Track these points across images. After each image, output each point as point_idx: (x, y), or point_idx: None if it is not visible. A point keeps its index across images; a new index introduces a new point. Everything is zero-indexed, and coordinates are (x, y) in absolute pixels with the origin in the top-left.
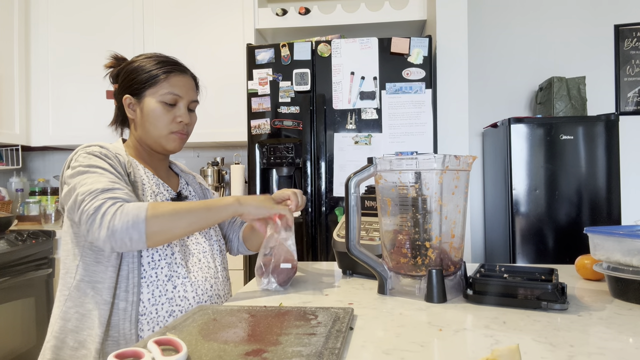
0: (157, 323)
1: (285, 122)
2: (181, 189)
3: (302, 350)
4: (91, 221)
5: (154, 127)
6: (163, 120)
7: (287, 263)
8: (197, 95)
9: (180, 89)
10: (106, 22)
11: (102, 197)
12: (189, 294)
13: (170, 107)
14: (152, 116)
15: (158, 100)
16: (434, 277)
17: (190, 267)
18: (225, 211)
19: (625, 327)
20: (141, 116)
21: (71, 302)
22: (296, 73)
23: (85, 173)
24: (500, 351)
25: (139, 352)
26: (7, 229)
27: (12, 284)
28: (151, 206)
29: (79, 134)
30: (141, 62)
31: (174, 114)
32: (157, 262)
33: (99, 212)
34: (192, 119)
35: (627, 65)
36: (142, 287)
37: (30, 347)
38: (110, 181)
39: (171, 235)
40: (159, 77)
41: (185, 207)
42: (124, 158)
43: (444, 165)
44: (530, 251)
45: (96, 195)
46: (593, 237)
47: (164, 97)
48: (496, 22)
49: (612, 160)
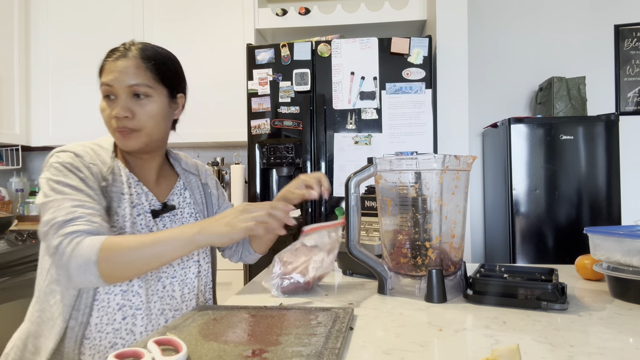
0: (98, 351)
1: (285, 122)
2: (171, 197)
3: (302, 350)
4: (54, 259)
5: (106, 126)
6: (104, 117)
7: (300, 275)
8: (145, 77)
9: (113, 75)
10: (106, 22)
11: (60, 234)
12: (137, 328)
13: (110, 101)
14: (101, 114)
15: (102, 92)
16: (434, 277)
17: (150, 297)
18: (181, 249)
19: (625, 327)
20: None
21: (38, 305)
22: (296, 73)
23: (51, 195)
24: (500, 351)
25: (139, 352)
26: (7, 229)
27: (12, 284)
28: (104, 247)
29: (79, 134)
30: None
31: (107, 106)
32: (112, 288)
33: (57, 253)
34: (137, 108)
35: (627, 65)
36: (94, 310)
37: None
38: (73, 205)
39: (129, 274)
40: (101, 68)
41: (138, 244)
42: (106, 164)
43: (444, 165)
44: (530, 251)
45: (56, 231)
46: (593, 237)
47: (103, 89)
48: (496, 22)
49: (612, 160)
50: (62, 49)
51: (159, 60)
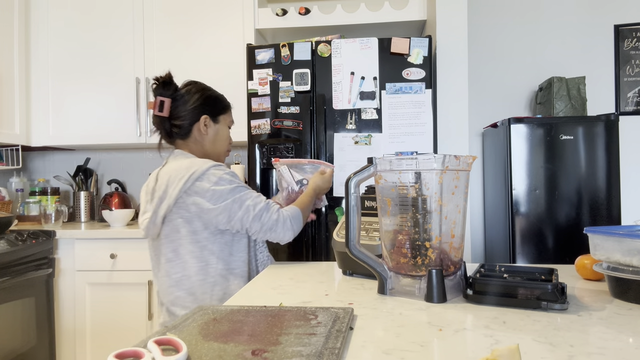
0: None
1: (285, 122)
2: None
3: (302, 350)
4: (275, 227)
5: (221, 145)
6: (227, 140)
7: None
8: None
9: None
10: (106, 22)
11: (273, 210)
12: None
13: (229, 131)
14: (221, 136)
15: (227, 124)
16: (434, 277)
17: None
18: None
19: (625, 327)
20: (214, 134)
21: (219, 286)
22: (296, 73)
23: (241, 191)
24: (500, 351)
25: (139, 352)
26: (7, 229)
27: (12, 284)
28: (296, 214)
29: (78, 134)
30: (216, 93)
31: (229, 136)
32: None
33: (278, 220)
34: None
35: (627, 65)
36: (258, 260)
37: (30, 347)
38: (258, 196)
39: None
40: (229, 107)
41: (303, 210)
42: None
43: (444, 165)
44: (530, 251)
45: (269, 209)
46: (593, 237)
47: (229, 123)
48: (496, 22)
49: (612, 160)
50: (62, 49)
51: None
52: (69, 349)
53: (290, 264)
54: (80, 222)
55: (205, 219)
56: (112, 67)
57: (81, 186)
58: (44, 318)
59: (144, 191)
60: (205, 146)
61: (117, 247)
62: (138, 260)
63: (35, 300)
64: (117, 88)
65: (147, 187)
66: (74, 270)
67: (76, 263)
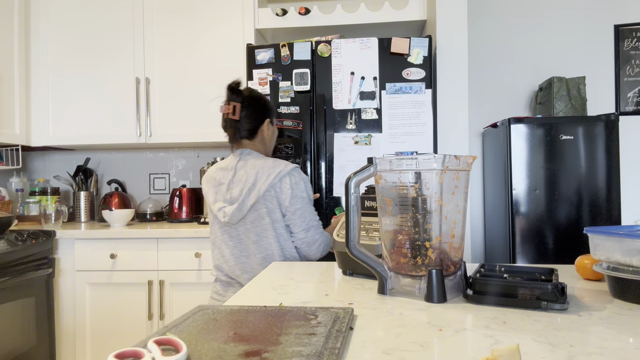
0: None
1: (285, 122)
2: None
3: (302, 350)
4: (312, 245)
5: (272, 144)
6: (274, 140)
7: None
8: None
9: None
10: (106, 21)
11: (321, 230)
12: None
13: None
14: (274, 136)
15: (276, 126)
16: (434, 277)
17: None
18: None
19: (625, 327)
20: (271, 135)
21: (283, 255)
22: (296, 73)
23: (309, 198)
24: (500, 351)
25: (139, 352)
26: (7, 229)
27: (12, 284)
28: (329, 241)
29: (78, 134)
30: (268, 100)
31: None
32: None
33: (317, 242)
34: None
35: (627, 65)
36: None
37: (30, 347)
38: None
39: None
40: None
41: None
42: None
43: (444, 165)
44: (530, 251)
45: (318, 227)
46: (593, 237)
47: (276, 126)
48: (496, 22)
49: (612, 160)
50: (62, 48)
51: None
52: (69, 349)
53: (290, 263)
54: (80, 222)
55: (282, 212)
56: (112, 67)
57: (81, 186)
58: (44, 318)
59: (212, 183)
60: (266, 145)
61: (117, 247)
62: (138, 260)
63: (35, 300)
64: (117, 88)
65: (214, 180)
66: (74, 270)
67: (76, 263)
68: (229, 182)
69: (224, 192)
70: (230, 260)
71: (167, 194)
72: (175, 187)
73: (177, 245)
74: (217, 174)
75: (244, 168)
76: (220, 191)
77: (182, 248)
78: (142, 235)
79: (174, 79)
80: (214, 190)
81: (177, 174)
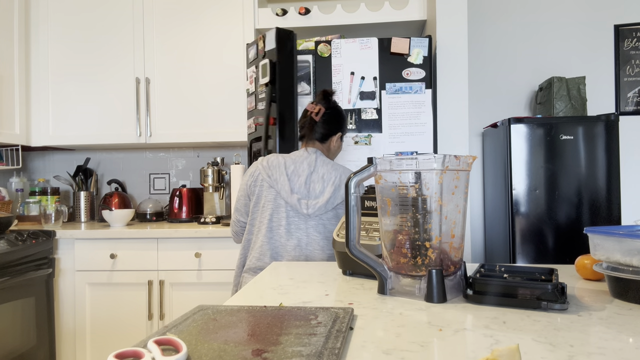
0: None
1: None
2: None
3: (302, 350)
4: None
5: (335, 157)
6: (340, 149)
7: None
8: None
9: None
10: (106, 22)
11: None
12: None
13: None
14: (339, 151)
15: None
16: (434, 277)
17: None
18: None
19: (625, 327)
20: (337, 148)
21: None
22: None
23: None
24: (500, 351)
25: (139, 352)
26: (7, 229)
27: (12, 284)
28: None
29: (78, 134)
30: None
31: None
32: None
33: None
34: None
35: (627, 65)
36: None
37: (30, 347)
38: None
39: None
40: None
41: None
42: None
43: (444, 165)
44: (530, 251)
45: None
46: (593, 237)
47: (343, 139)
48: (496, 22)
49: (612, 160)
50: (62, 48)
51: None
52: (69, 349)
53: (290, 263)
54: (80, 222)
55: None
56: (112, 67)
57: (81, 186)
58: (44, 318)
59: (283, 171)
60: (330, 154)
61: (117, 247)
62: (138, 260)
63: (35, 300)
64: (117, 88)
65: (286, 168)
66: (74, 270)
67: (76, 263)
68: (308, 175)
69: (302, 184)
70: (292, 250)
71: (167, 194)
72: (175, 187)
73: (177, 245)
74: (289, 164)
75: (324, 167)
76: (297, 182)
77: (182, 248)
78: (142, 235)
79: (174, 79)
80: (287, 178)
81: (177, 174)
